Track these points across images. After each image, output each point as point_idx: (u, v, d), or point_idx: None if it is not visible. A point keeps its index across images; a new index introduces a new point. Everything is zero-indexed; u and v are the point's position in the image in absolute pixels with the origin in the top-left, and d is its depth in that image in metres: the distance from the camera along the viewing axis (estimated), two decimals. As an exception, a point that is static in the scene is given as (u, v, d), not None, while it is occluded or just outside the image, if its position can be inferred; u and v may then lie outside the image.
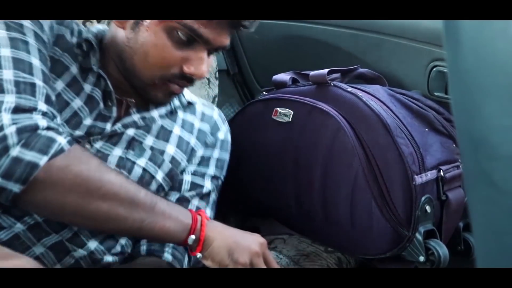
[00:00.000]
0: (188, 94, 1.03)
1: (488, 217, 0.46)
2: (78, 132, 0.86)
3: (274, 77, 1.16)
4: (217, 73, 1.52)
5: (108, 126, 0.89)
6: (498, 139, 0.43)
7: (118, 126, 0.90)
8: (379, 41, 1.23)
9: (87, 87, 0.89)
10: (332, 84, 1.04)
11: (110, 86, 0.90)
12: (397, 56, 1.21)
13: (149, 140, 0.94)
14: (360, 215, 0.95)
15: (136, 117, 0.93)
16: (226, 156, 1.05)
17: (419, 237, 0.92)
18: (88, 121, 0.87)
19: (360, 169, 0.94)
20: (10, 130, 0.70)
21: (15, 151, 0.69)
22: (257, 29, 1.02)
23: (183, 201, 0.97)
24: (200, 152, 1.01)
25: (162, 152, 0.95)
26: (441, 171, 0.95)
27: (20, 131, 0.70)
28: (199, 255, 0.84)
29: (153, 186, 0.93)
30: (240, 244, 0.84)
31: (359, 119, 0.96)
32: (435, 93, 1.14)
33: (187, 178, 0.99)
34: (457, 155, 0.99)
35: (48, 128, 0.73)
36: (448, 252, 0.92)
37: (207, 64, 0.89)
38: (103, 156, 0.88)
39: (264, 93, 1.18)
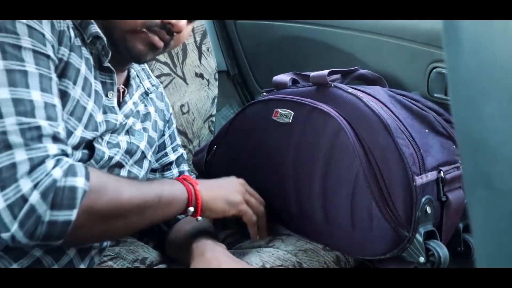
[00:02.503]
0: (154, 77, 1.11)
1: (488, 219, 0.47)
2: (97, 133, 0.88)
3: (274, 78, 1.16)
4: (216, 74, 1.52)
5: (118, 119, 0.93)
6: (497, 141, 0.43)
7: (122, 117, 0.95)
8: (379, 42, 1.23)
9: (92, 82, 0.89)
10: (332, 85, 1.04)
11: (115, 79, 0.92)
12: (397, 58, 1.21)
13: (138, 125, 1.01)
14: (360, 215, 0.95)
15: (130, 103, 0.97)
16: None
17: (419, 238, 0.92)
18: (100, 118, 0.89)
19: (360, 170, 0.94)
20: (35, 198, 0.71)
21: (47, 216, 0.71)
22: (257, 30, 1.02)
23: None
24: (164, 128, 1.12)
25: (149, 135, 1.03)
26: (442, 172, 0.95)
27: (44, 196, 0.71)
28: (199, 218, 0.93)
29: (145, 165, 1.01)
30: (229, 190, 0.97)
31: (360, 120, 0.97)
32: (435, 95, 1.15)
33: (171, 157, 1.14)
34: (457, 156, 0.99)
35: (64, 174, 0.73)
36: (448, 253, 0.92)
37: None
38: (114, 145, 0.93)
39: (264, 94, 1.18)
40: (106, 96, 0.92)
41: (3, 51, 0.74)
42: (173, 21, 0.88)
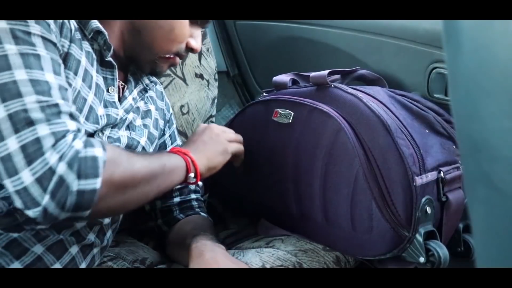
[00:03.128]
0: None
1: (488, 218, 0.47)
2: (98, 126, 0.89)
3: (274, 78, 1.16)
4: (216, 75, 1.52)
5: (119, 114, 0.95)
6: (498, 141, 0.43)
7: (123, 112, 0.96)
8: (379, 42, 1.23)
9: (94, 75, 0.90)
10: (332, 85, 1.04)
11: (116, 74, 0.94)
12: (397, 58, 1.21)
13: (138, 121, 1.02)
14: (360, 216, 0.96)
15: (130, 99, 0.99)
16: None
17: (419, 238, 0.92)
18: (101, 111, 0.91)
19: (360, 170, 0.94)
20: (62, 169, 0.72)
21: (76, 186, 0.73)
22: (257, 31, 1.03)
23: None
24: (164, 128, 1.14)
25: (150, 132, 1.05)
26: (442, 172, 0.95)
27: (70, 166, 0.73)
28: (200, 183, 1.01)
29: None
30: (214, 142, 1.00)
31: (360, 120, 0.97)
32: (435, 95, 1.15)
33: None
34: (457, 156, 0.99)
35: (84, 146, 0.75)
36: (448, 253, 0.92)
37: (200, 40, 1.00)
38: (115, 140, 0.94)
39: (264, 94, 1.18)
40: (107, 91, 0.93)
41: (14, 36, 0.76)
42: (194, 45, 0.97)
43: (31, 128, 0.73)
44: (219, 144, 1.00)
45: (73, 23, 0.88)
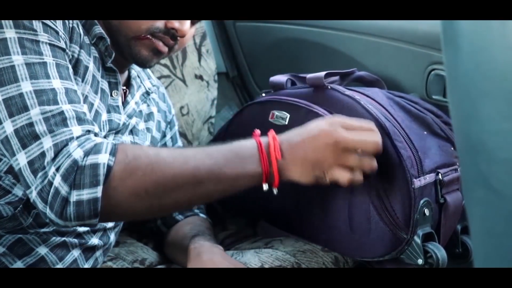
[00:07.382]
0: (154, 77, 1.12)
1: (486, 220, 0.47)
2: (102, 132, 0.89)
3: (271, 78, 1.15)
4: (216, 76, 1.52)
5: (122, 119, 0.94)
6: (496, 143, 0.44)
7: (125, 118, 0.96)
8: (378, 44, 1.24)
9: (100, 81, 0.90)
10: (329, 87, 1.04)
11: (119, 78, 0.93)
12: (396, 60, 1.21)
13: (141, 125, 1.01)
14: (358, 218, 0.96)
15: (133, 103, 0.98)
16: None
17: (417, 240, 0.92)
18: (104, 116, 0.90)
19: (359, 172, 0.94)
20: (57, 181, 0.72)
21: (72, 197, 0.71)
22: (257, 32, 1.03)
23: None
24: (165, 129, 1.13)
25: (152, 136, 1.04)
26: (440, 174, 0.95)
27: (64, 178, 0.71)
28: (275, 190, 0.84)
29: None
30: (316, 153, 0.81)
31: (358, 122, 0.96)
32: (433, 97, 1.15)
33: None
34: (455, 158, 0.99)
35: (86, 154, 0.73)
36: (446, 255, 0.93)
37: (189, 23, 0.91)
38: None
39: (263, 95, 1.18)
40: (111, 95, 0.93)
41: (22, 46, 0.76)
42: (177, 26, 0.88)
43: (37, 142, 0.73)
44: (321, 164, 0.81)
45: (81, 27, 0.87)
